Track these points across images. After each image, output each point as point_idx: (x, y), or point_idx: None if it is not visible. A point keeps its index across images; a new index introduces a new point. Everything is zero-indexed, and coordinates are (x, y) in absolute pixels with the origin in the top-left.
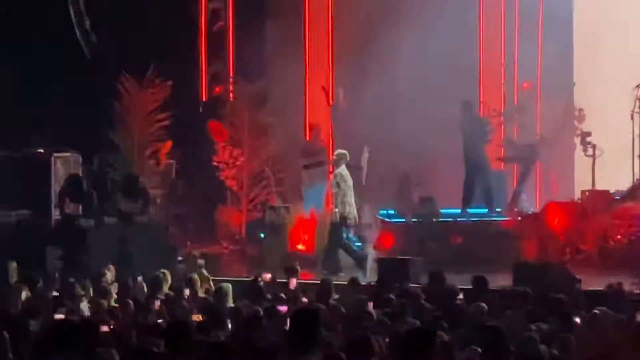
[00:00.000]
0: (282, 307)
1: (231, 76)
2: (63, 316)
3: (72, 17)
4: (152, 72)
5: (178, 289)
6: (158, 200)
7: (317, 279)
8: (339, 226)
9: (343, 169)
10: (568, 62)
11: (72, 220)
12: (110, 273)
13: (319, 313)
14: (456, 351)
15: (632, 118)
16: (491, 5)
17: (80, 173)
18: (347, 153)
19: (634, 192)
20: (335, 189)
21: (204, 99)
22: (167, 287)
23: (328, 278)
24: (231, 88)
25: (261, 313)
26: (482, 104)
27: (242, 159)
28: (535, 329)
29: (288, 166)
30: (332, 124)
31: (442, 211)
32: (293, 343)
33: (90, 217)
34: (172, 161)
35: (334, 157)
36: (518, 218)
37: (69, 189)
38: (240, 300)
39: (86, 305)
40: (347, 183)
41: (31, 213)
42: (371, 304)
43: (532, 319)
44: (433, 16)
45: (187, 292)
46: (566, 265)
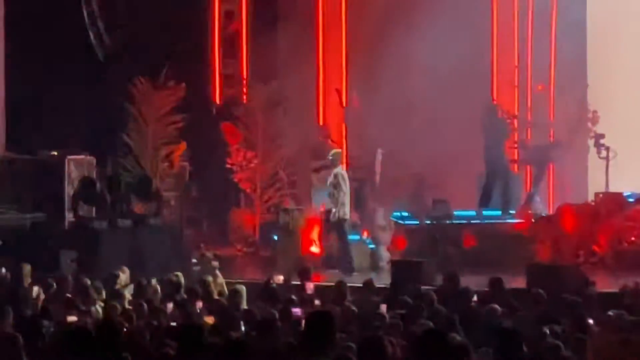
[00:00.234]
0: (296, 310)
1: (245, 78)
2: (76, 318)
3: (86, 20)
4: (166, 75)
5: (192, 291)
6: (172, 202)
7: (329, 281)
8: (340, 226)
9: (342, 169)
10: (581, 64)
11: (86, 222)
12: (124, 275)
13: (334, 316)
14: (471, 353)
15: None
16: (505, 7)
17: (94, 176)
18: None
19: None
20: (335, 189)
21: (218, 102)
22: (181, 290)
23: (343, 280)
24: (245, 90)
25: (276, 315)
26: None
27: (256, 161)
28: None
29: (301, 168)
30: (346, 126)
31: (456, 213)
32: (308, 345)
33: (103, 220)
34: (186, 163)
35: (331, 157)
36: (532, 220)
37: (83, 192)
38: (253, 302)
39: (100, 307)
40: (347, 183)
41: (45, 216)
42: (384, 307)
43: (546, 321)
44: (446, 18)
45: (201, 294)
46: (580, 267)
